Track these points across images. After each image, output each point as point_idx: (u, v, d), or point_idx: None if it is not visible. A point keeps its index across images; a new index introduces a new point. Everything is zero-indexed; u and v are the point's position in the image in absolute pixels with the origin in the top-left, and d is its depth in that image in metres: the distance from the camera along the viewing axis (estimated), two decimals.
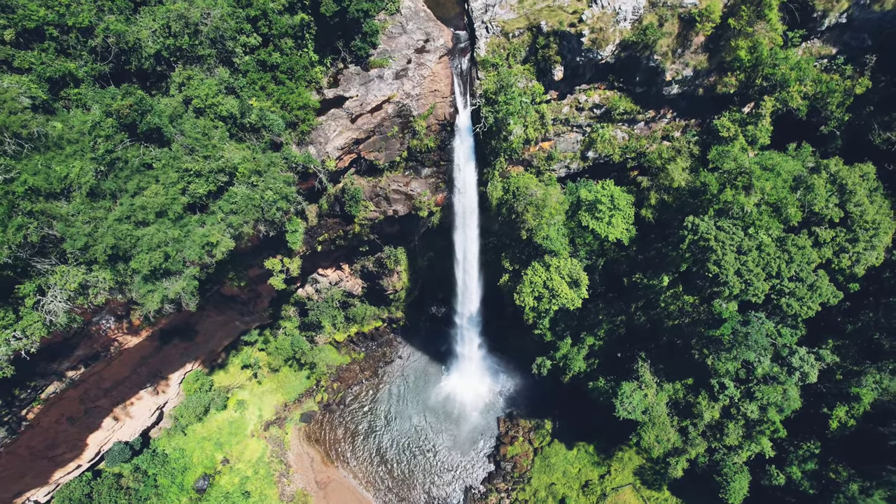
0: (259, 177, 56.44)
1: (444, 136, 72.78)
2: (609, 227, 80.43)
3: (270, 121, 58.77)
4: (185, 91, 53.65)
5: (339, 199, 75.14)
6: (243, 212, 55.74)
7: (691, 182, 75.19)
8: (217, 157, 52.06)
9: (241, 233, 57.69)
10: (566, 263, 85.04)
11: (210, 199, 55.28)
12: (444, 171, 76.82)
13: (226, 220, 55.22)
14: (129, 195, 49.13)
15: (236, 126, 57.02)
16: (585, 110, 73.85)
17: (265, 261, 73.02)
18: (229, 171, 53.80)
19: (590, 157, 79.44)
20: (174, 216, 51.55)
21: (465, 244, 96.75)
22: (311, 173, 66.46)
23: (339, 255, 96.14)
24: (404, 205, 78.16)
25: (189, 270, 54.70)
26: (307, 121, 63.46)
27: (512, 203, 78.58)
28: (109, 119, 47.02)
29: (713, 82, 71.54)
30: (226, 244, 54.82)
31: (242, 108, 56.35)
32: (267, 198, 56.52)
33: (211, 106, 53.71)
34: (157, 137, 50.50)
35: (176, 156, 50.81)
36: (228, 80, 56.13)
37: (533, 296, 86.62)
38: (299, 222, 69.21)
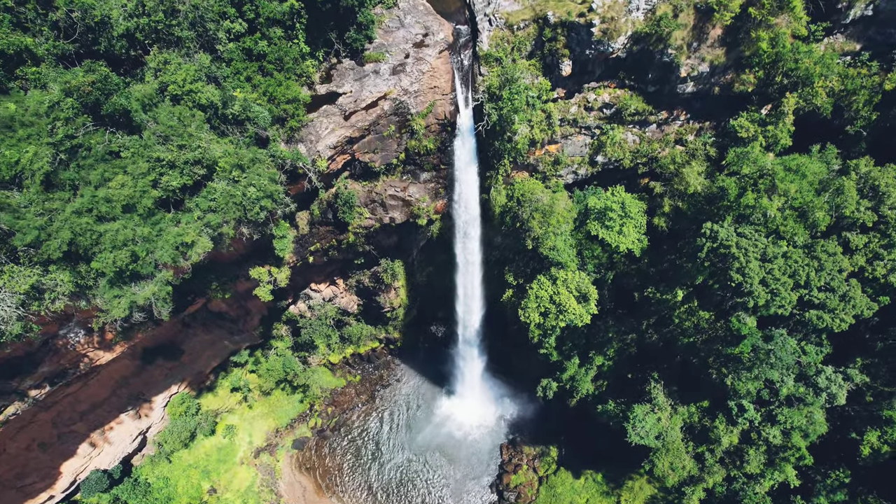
0: (241, 172, 50.66)
1: (445, 137, 67.36)
2: (620, 236, 74.49)
3: (255, 113, 53.28)
4: (161, 77, 48.20)
5: (331, 205, 69.37)
6: (223, 210, 49.79)
7: (707, 187, 69.49)
8: (193, 146, 46.32)
9: (220, 234, 51.67)
10: (574, 276, 78.93)
11: (186, 196, 49.41)
12: (445, 175, 71.24)
13: (203, 219, 49.24)
14: (91, 186, 43.25)
15: (217, 118, 51.46)
16: (595, 110, 68.55)
17: (251, 269, 66.85)
18: (207, 163, 48.01)
19: (599, 162, 73.91)
20: (144, 211, 45.58)
21: (466, 258, 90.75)
22: (301, 174, 60.74)
23: (332, 269, 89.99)
24: (402, 212, 72.41)
25: (161, 274, 48.52)
26: (297, 116, 57.99)
27: (516, 211, 72.81)
28: (69, 99, 41.40)
29: (730, 80, 66.36)
30: (203, 245, 48.74)
31: (224, 98, 50.88)
32: (249, 195, 50.65)
33: (189, 93, 48.21)
34: (126, 123, 44.86)
35: (147, 144, 45.08)
36: (210, 68, 50.77)
37: (539, 311, 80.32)
38: (287, 228, 63.25)
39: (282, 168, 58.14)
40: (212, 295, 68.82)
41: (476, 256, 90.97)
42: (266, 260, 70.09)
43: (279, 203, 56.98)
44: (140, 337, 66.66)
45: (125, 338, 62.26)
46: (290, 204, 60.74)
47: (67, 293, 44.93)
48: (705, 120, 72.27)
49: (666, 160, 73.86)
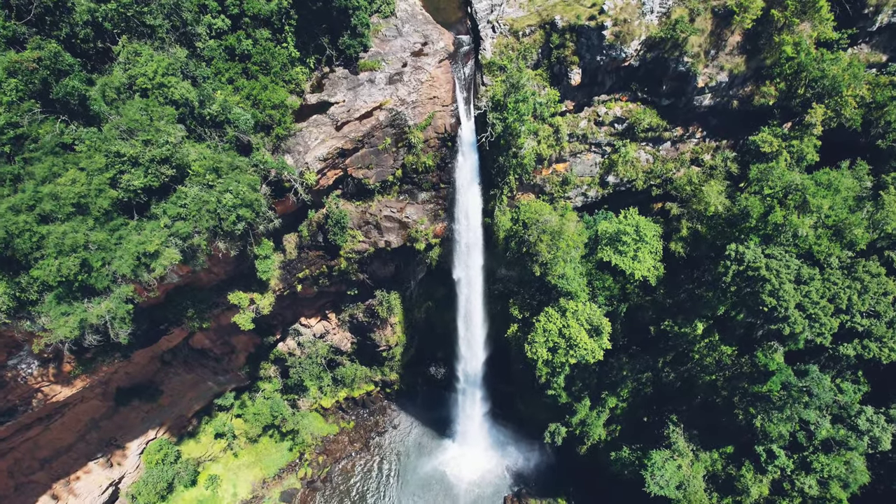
0: (217, 176, 44.36)
1: (445, 152, 61.56)
2: (635, 262, 67.77)
3: (236, 115, 47.47)
4: (131, 70, 42.51)
5: (322, 226, 62.94)
6: (194, 218, 43.24)
7: (729, 208, 63.25)
8: (161, 142, 40.13)
9: (193, 248, 44.97)
10: (585, 308, 71.82)
11: (153, 200, 42.94)
12: (445, 195, 65.13)
13: (171, 228, 42.60)
14: (35, 181, 36.84)
15: (193, 118, 45.59)
16: (605, 125, 63.01)
17: (230, 294, 59.70)
18: (178, 163, 41.75)
19: (610, 183, 67.91)
20: (100, 214, 39.01)
21: (467, 291, 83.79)
22: (288, 187, 54.51)
23: (324, 302, 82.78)
24: (398, 235, 65.91)
25: (121, 289, 41.50)
26: (283, 123, 52.23)
27: (522, 234, 66.32)
28: (13, 80, 35.52)
29: (749, 93, 61.09)
30: (169, 256, 41.96)
31: (202, 96, 45.11)
32: (225, 202, 44.19)
33: (160, 87, 42.41)
34: (83, 113, 38.87)
35: (107, 137, 38.92)
36: (186, 64, 45.20)
37: (547, 347, 72.80)
38: (271, 247, 56.55)
39: (265, 179, 52.00)
40: (188, 324, 61.46)
41: (478, 289, 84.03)
42: (249, 286, 63.12)
43: (261, 216, 50.54)
44: (106, 370, 58.97)
45: (87, 370, 54.64)
46: (274, 219, 54.26)
47: (5, 309, 37.85)
48: (722, 138, 66.73)
49: (682, 181, 67.92)
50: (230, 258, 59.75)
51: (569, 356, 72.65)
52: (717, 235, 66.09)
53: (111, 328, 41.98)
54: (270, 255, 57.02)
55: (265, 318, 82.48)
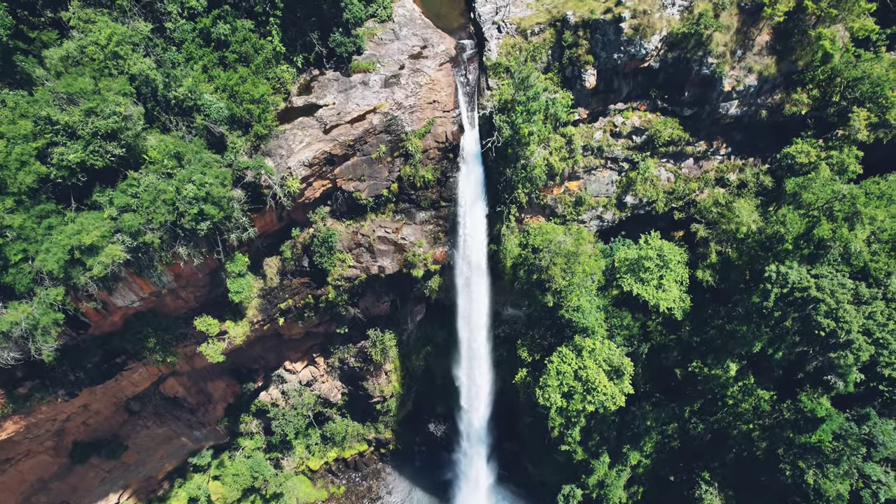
0: (178, 164, 36.82)
1: (446, 165, 54.44)
2: (660, 292, 59.31)
3: (207, 102, 40.50)
4: (82, 41, 35.81)
5: (307, 248, 54.98)
6: (147, 210, 35.33)
7: (763, 228, 55.55)
8: (107, 112, 32.82)
9: (145, 247, 36.80)
10: (603, 347, 62.76)
11: (97, 187, 35.16)
12: (446, 215, 57.50)
13: (119, 221, 34.62)
14: None
15: (155, 100, 38.56)
16: (623, 137, 56.26)
17: (196, 319, 50.79)
18: (128, 141, 34.27)
19: (628, 204, 60.47)
20: (21, 192, 31.14)
21: (470, 333, 74.82)
22: (269, 193, 46.85)
23: (311, 345, 73.45)
24: (393, 259, 57.77)
25: (47, 292, 33.03)
26: (264, 120, 45.27)
27: (532, 261, 58.21)
28: None
29: (779, 101, 54.72)
30: (111, 254, 33.79)
31: (167, 77, 38.26)
32: (186, 194, 36.42)
33: (114, 57, 35.57)
34: (7, 71, 31.76)
35: (37, 101, 31.63)
36: (149, 40, 38.61)
37: (561, 392, 63.21)
38: (245, 262, 48.21)
39: (240, 181, 44.47)
40: (151, 358, 52.25)
41: (482, 332, 75.07)
42: (223, 316, 54.36)
43: (232, 221, 42.66)
44: (46, 412, 49.30)
45: (20, 410, 45.10)
46: (248, 227, 46.24)
47: None
48: (749, 155, 59.90)
49: (706, 203, 60.52)
50: (201, 280, 51.46)
51: (586, 403, 62.95)
52: (750, 260, 58.00)
53: (32, 343, 33.17)
54: (245, 274, 48.72)
55: (245, 360, 73.17)
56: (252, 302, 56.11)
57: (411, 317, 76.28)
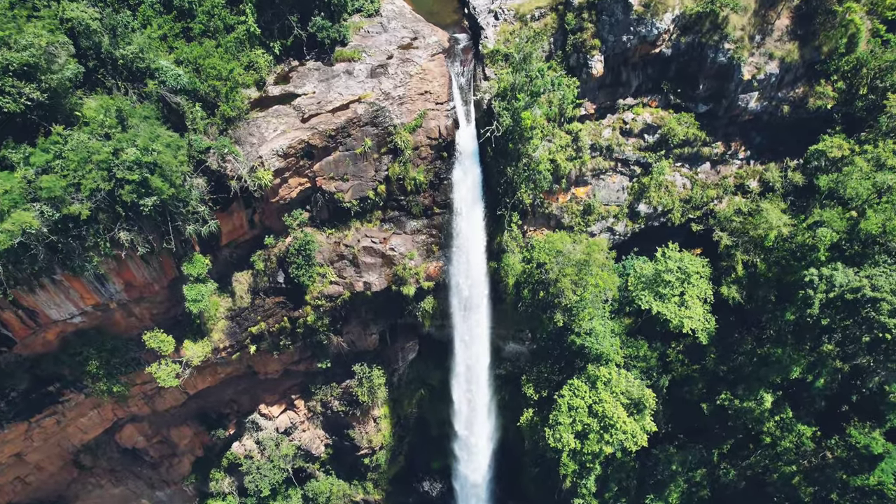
0: (118, 124, 30.15)
1: (440, 166, 48.08)
2: (683, 310, 51.88)
3: (162, 68, 34.37)
4: None
5: (283, 261, 47.62)
6: (74, 172, 28.31)
7: (795, 233, 49.01)
8: (21, 44, 26.40)
9: (72, 223, 29.50)
10: (621, 377, 54.70)
11: (10, 142, 28.25)
12: (440, 225, 50.58)
13: (35, 183, 27.53)
14: None
15: (99, 59, 32.37)
16: (634, 135, 50.52)
17: (145, 334, 42.40)
18: (52, 84, 27.68)
19: (641, 213, 54.00)
20: None
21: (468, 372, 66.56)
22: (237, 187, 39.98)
23: (290, 385, 64.37)
24: (381, 274, 50.31)
25: None
26: (232, 100, 39.12)
27: (538, 276, 51.01)
28: None
29: (802, 95, 49.60)
30: (20, 220, 26.44)
31: (114, 29, 32.23)
32: (125, 158, 29.52)
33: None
34: None
35: None
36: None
37: (573, 431, 54.52)
38: (205, 265, 40.49)
39: (200, 167, 37.73)
40: (93, 387, 43.53)
41: (482, 373, 66.83)
42: (183, 337, 46.11)
43: (188, 208, 35.56)
44: None
45: None
46: (209, 219, 38.93)
47: None
48: (770, 160, 54.22)
49: (726, 212, 54.15)
50: (158, 295, 43.65)
51: (603, 443, 54.17)
52: (781, 272, 51.01)
53: None
54: (206, 280, 40.95)
55: (215, 403, 63.79)
56: (218, 324, 48.07)
57: (402, 354, 67.90)
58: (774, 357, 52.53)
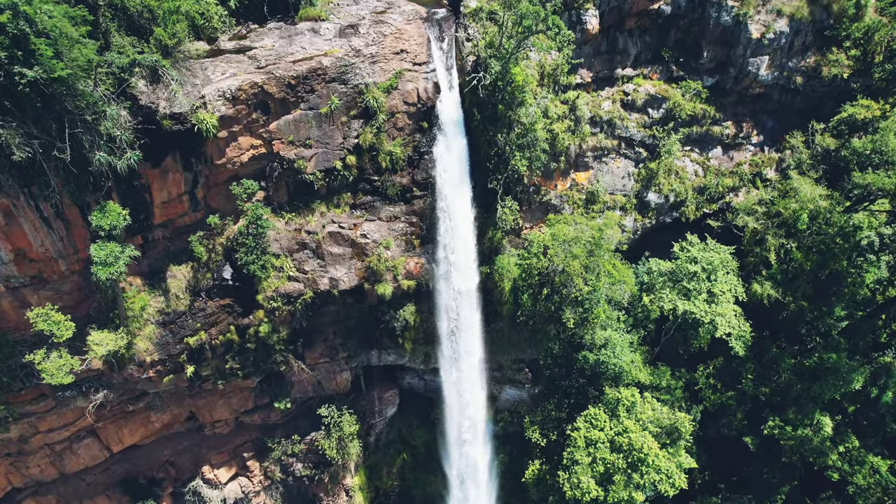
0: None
1: (419, 139, 40.78)
2: (714, 307, 42.83)
3: None
4: None
5: (231, 253, 38.46)
6: None
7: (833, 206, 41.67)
8: None
9: None
10: (646, 403, 44.44)
11: None
12: (421, 212, 42.23)
13: None
14: None
15: None
16: (637, 110, 44.37)
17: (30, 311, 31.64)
18: None
19: (651, 205, 46.52)
20: None
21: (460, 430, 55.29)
22: (169, 126, 32.03)
23: (242, 441, 51.66)
24: (350, 267, 40.89)
25: None
26: (170, 26, 32.33)
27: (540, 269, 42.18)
28: None
29: (814, 65, 44.76)
30: None
31: None
32: None
33: None
34: None
35: None
36: None
37: (594, 472, 43.13)
38: (120, 215, 30.97)
39: (121, 87, 29.97)
40: None
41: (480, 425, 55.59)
42: None
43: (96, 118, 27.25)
44: None
45: None
46: (127, 148, 30.17)
47: None
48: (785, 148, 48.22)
49: (747, 204, 46.93)
50: (65, 278, 33.80)
51: (632, 488, 42.62)
52: (823, 259, 42.90)
53: None
54: (120, 237, 31.19)
55: (145, 466, 50.54)
56: (145, 329, 37.65)
57: (380, 407, 56.59)
58: (829, 364, 42.87)
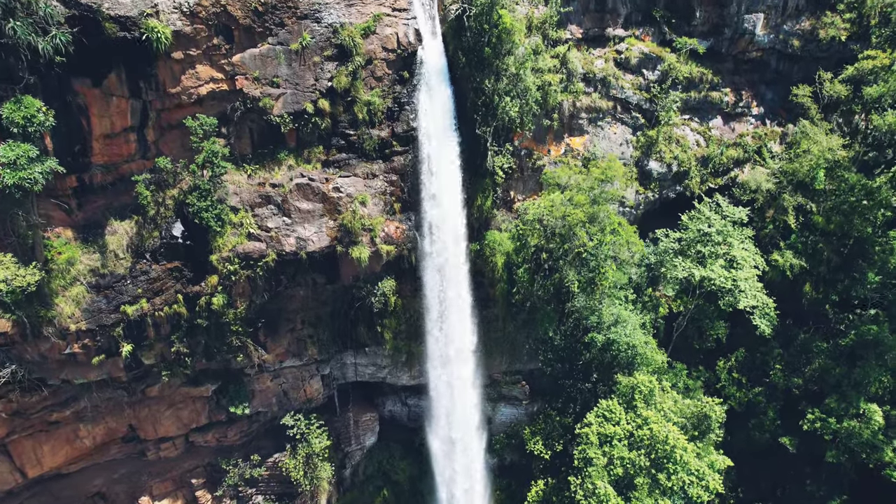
0: None
1: (399, 91, 36.81)
2: (736, 272, 37.64)
3: None
4: None
5: (182, 208, 32.91)
6: None
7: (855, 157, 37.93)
8: None
9: None
10: (666, 394, 38.20)
11: None
12: (403, 171, 37.36)
13: None
14: None
15: None
16: (631, 70, 41.37)
17: None
18: None
19: (653, 174, 42.39)
20: None
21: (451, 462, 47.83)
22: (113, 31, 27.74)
23: (192, 466, 42.92)
24: (320, 226, 35.10)
25: None
26: None
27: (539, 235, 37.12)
28: None
29: (810, 29, 42.82)
30: None
31: None
32: None
33: None
34: None
35: None
36: None
37: (612, 476, 36.02)
38: (37, 108, 25.55)
39: None
40: None
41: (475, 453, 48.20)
42: None
43: None
44: None
45: None
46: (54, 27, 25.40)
47: None
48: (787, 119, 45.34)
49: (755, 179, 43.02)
50: None
51: (658, 494, 35.40)
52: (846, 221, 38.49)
53: None
54: (32, 133, 25.59)
55: (70, 497, 41.25)
56: (72, 290, 31.23)
57: (357, 432, 49.12)
58: (869, 338, 37.19)
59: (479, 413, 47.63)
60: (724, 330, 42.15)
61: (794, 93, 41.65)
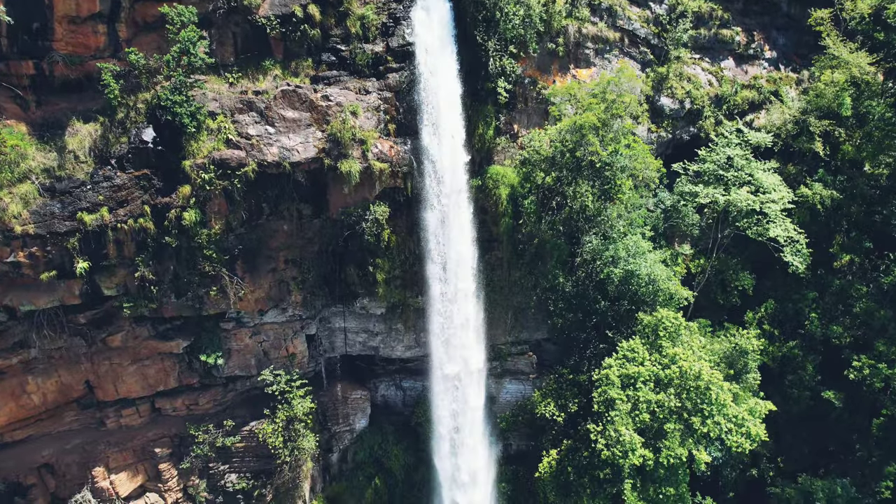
0: None
1: (395, 7, 34.19)
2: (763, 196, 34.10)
3: None
4: None
5: (155, 111, 29.36)
6: None
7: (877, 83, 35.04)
8: None
9: None
10: (693, 334, 33.94)
11: None
12: (398, 89, 34.15)
13: None
14: None
15: None
16: (638, 3, 39.23)
17: None
18: None
19: (665, 109, 39.48)
20: None
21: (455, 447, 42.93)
22: None
23: (156, 435, 37.21)
24: (307, 137, 31.27)
25: None
26: None
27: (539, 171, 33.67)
28: None
29: None
30: None
31: None
32: None
33: None
34: None
35: None
36: None
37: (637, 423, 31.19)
38: None
39: None
40: None
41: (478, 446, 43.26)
42: None
43: None
44: None
45: None
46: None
47: None
48: (801, 65, 42.98)
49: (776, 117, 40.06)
50: None
51: (691, 442, 30.60)
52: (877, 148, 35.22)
53: None
54: None
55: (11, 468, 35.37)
56: (20, 186, 27.33)
57: (345, 408, 44.16)
58: None
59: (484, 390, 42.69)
60: (751, 281, 38.02)
61: (813, 17, 39.22)
